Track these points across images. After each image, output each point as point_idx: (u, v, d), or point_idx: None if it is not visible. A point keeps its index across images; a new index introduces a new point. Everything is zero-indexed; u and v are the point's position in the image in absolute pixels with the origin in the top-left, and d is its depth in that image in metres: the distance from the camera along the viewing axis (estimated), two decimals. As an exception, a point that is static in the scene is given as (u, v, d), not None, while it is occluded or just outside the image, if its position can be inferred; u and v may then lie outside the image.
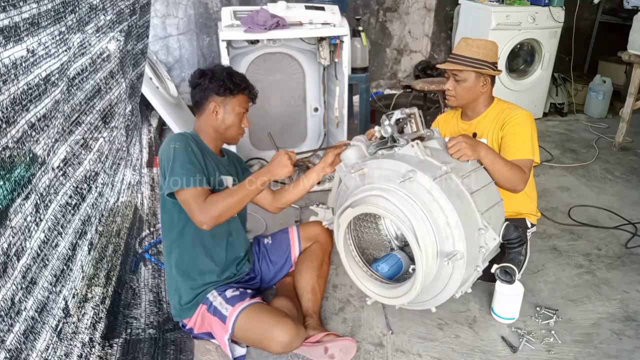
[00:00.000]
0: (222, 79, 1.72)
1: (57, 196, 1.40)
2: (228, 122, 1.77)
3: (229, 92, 1.73)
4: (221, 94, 1.73)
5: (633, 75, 3.42)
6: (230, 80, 1.73)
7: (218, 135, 1.80)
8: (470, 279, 1.72)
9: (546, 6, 3.88)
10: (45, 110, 1.23)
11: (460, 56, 1.97)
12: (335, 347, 1.67)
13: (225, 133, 1.79)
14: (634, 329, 1.85)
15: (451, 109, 2.22)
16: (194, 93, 1.77)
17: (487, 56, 1.95)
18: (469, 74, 1.97)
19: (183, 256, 1.74)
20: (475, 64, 1.95)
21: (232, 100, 1.75)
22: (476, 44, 1.97)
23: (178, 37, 4.16)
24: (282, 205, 1.98)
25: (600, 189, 3.03)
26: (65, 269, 1.44)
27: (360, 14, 4.42)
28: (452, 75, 2.01)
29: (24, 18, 1.07)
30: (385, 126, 1.78)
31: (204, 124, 1.78)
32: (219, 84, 1.72)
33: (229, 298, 1.70)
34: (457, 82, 2.00)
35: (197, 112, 1.80)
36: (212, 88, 1.73)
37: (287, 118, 3.34)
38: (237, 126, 1.80)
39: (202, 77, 1.74)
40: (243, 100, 1.79)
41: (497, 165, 1.80)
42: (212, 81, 1.72)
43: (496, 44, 2.03)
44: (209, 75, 1.73)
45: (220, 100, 1.74)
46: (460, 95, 2.02)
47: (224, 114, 1.75)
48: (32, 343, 1.21)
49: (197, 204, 1.57)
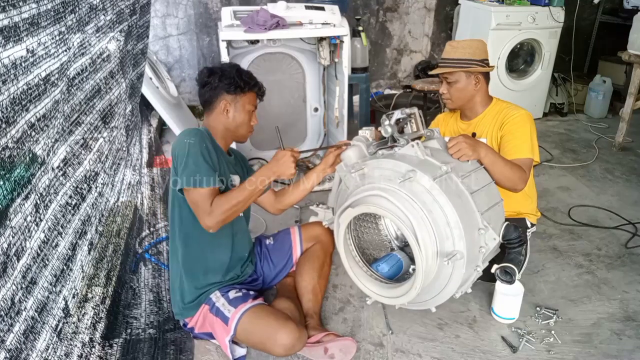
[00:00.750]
0: (232, 76, 1.72)
1: (57, 196, 1.40)
2: (239, 121, 1.76)
3: (239, 90, 1.73)
4: (231, 92, 1.73)
5: (633, 75, 3.42)
6: (240, 78, 1.73)
7: (228, 134, 1.80)
8: (470, 279, 1.72)
9: (546, 6, 3.88)
10: (45, 110, 1.23)
11: (448, 59, 2.00)
12: (335, 347, 1.67)
13: (236, 131, 1.79)
14: (634, 329, 1.85)
15: (450, 110, 2.22)
16: (204, 92, 1.76)
17: (474, 54, 1.97)
18: (459, 74, 1.98)
19: (190, 252, 1.73)
20: (462, 64, 1.96)
21: (243, 98, 1.75)
22: (461, 45, 2.00)
23: (178, 37, 4.16)
24: (283, 207, 1.99)
25: (600, 189, 3.03)
26: (65, 269, 1.44)
27: (360, 14, 4.42)
28: (443, 79, 2.04)
29: (23, 18, 1.07)
30: (385, 126, 1.78)
31: (214, 123, 1.77)
32: (230, 81, 1.72)
33: (232, 299, 1.69)
34: (449, 84, 2.02)
35: (206, 110, 1.79)
36: (222, 86, 1.72)
37: (287, 118, 3.34)
38: (247, 124, 1.80)
39: (211, 76, 1.73)
40: (252, 98, 1.79)
41: (497, 165, 1.80)
42: (222, 79, 1.72)
43: (483, 41, 2.04)
44: (219, 73, 1.73)
45: (231, 99, 1.74)
46: (455, 96, 2.04)
47: (234, 112, 1.75)
48: (32, 343, 1.21)
49: (205, 207, 1.57)
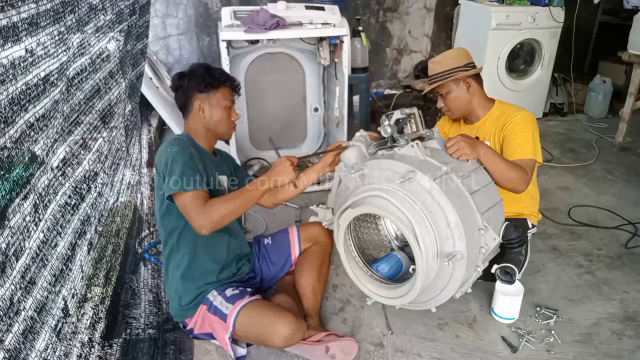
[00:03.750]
0: (200, 75, 1.73)
1: (56, 196, 1.40)
2: (216, 118, 1.76)
3: (210, 86, 1.74)
4: (203, 90, 1.73)
5: (633, 75, 3.42)
6: (209, 75, 1.74)
7: (210, 133, 1.80)
8: (471, 279, 1.72)
9: (546, 6, 3.87)
10: (45, 110, 1.23)
11: (434, 75, 2.03)
12: (336, 347, 1.67)
13: (216, 129, 1.79)
14: (634, 329, 1.85)
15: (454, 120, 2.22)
16: (177, 96, 1.78)
17: (456, 62, 2.00)
18: (448, 85, 2.01)
19: (182, 259, 1.73)
20: (447, 75, 1.99)
21: (216, 95, 1.75)
22: (442, 58, 2.04)
23: (178, 37, 4.16)
24: (279, 201, 2.00)
25: (600, 189, 3.03)
26: (64, 269, 1.44)
27: (360, 14, 4.41)
28: (437, 94, 2.07)
29: (22, 18, 1.07)
30: (385, 126, 1.78)
31: (193, 125, 1.78)
32: (199, 80, 1.72)
33: (229, 297, 1.70)
34: (443, 97, 2.05)
35: (184, 114, 1.80)
36: (192, 86, 1.73)
37: (287, 118, 3.33)
38: (226, 120, 1.79)
39: (181, 79, 1.75)
40: (227, 93, 1.79)
41: (497, 164, 1.80)
42: (192, 79, 1.73)
43: (463, 48, 2.09)
44: (188, 75, 1.75)
45: (204, 97, 1.74)
46: (453, 107, 2.06)
47: (210, 110, 1.75)
48: (32, 343, 1.21)
49: (196, 208, 1.55)
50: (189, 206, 1.56)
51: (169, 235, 1.74)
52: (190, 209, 1.56)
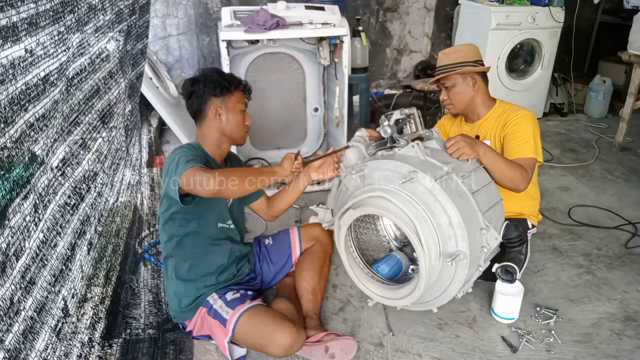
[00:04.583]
0: (215, 79, 1.70)
1: (56, 196, 1.40)
2: (233, 122, 1.74)
3: (226, 90, 1.71)
4: (219, 95, 1.70)
5: (633, 75, 3.42)
6: (224, 79, 1.72)
7: (224, 140, 1.77)
8: (472, 278, 1.72)
9: (546, 6, 3.87)
10: (44, 110, 1.23)
11: (442, 66, 2.04)
12: (336, 347, 1.67)
13: (232, 134, 1.76)
14: (634, 329, 1.85)
15: (453, 115, 2.22)
16: (191, 102, 1.73)
17: (466, 57, 2.00)
18: (455, 78, 2.01)
19: (181, 265, 1.73)
20: (455, 67, 1.99)
21: (231, 99, 1.73)
22: (452, 51, 2.04)
23: (178, 37, 4.16)
24: (277, 213, 2.01)
25: (600, 189, 3.03)
26: (64, 269, 1.44)
27: (360, 14, 4.41)
28: (442, 86, 2.07)
29: (22, 18, 1.07)
30: (385, 127, 1.78)
31: (207, 131, 1.74)
32: (214, 84, 1.69)
33: (230, 301, 1.69)
34: (448, 90, 2.05)
35: (197, 121, 1.76)
36: (208, 91, 1.69)
37: (287, 118, 3.33)
38: (242, 124, 1.77)
39: (195, 84, 1.70)
40: (241, 97, 1.77)
41: (497, 164, 1.80)
42: (207, 84, 1.69)
43: (474, 44, 2.08)
44: (202, 80, 1.70)
45: (220, 101, 1.71)
46: (455, 100, 2.05)
47: (227, 115, 1.72)
48: (31, 343, 1.21)
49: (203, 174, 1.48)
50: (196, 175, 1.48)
51: (170, 240, 1.73)
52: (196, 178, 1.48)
